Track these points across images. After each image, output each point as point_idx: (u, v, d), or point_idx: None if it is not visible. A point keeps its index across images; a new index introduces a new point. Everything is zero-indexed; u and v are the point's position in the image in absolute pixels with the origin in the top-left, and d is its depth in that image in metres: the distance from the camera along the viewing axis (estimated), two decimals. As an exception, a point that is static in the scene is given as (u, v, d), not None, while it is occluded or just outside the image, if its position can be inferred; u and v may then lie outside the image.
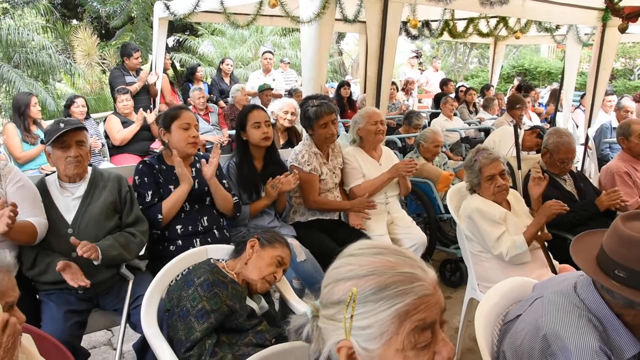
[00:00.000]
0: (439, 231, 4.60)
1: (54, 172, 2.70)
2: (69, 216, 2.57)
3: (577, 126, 7.87)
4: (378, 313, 0.99)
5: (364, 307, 1.00)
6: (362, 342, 1.01)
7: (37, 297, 2.56)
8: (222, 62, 8.43)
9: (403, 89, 10.18)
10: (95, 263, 2.45)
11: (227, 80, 8.22)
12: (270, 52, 8.98)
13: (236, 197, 3.09)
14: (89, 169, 2.71)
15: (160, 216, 2.81)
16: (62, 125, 2.57)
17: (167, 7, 5.20)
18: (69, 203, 2.60)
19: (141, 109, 5.91)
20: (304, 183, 3.46)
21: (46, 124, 4.98)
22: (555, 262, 2.96)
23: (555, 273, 2.87)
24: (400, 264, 1.04)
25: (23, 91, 7.55)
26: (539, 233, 2.95)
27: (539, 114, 9.13)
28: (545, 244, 2.96)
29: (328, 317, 1.06)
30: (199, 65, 8.66)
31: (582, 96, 8.12)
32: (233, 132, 3.99)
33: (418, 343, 0.99)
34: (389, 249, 1.09)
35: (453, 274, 4.28)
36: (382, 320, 0.99)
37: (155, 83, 6.83)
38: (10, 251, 2.43)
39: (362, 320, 1.00)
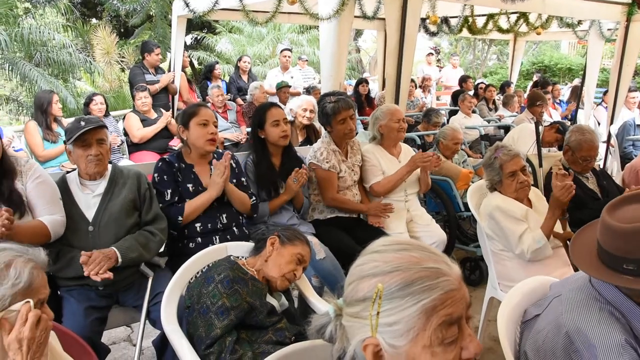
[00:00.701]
0: (459, 229, 4.56)
1: (74, 169, 2.72)
2: (90, 213, 2.58)
3: (599, 123, 7.75)
4: (405, 309, 0.98)
5: (390, 303, 0.99)
6: (388, 339, 0.99)
7: (58, 293, 2.58)
8: (240, 59, 8.44)
9: (421, 86, 10.12)
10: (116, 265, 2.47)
11: (245, 77, 8.24)
12: (288, 49, 8.98)
13: (254, 198, 3.09)
14: (109, 166, 2.73)
15: (180, 218, 2.82)
16: (82, 123, 2.58)
17: (187, 5, 5.21)
18: (89, 200, 2.61)
19: (163, 110, 5.95)
20: (323, 180, 3.45)
21: (67, 121, 5.03)
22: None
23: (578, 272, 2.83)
24: (425, 259, 1.02)
25: (44, 89, 7.63)
26: (562, 232, 2.91)
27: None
28: (568, 242, 2.91)
29: (353, 315, 1.05)
30: (217, 63, 8.69)
31: (605, 93, 7.99)
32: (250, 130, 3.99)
33: (445, 338, 0.98)
34: (413, 244, 1.07)
35: (472, 272, 4.24)
36: (409, 316, 0.98)
37: (173, 81, 6.86)
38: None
39: (388, 317, 0.99)
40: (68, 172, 2.75)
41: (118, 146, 5.58)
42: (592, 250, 1.60)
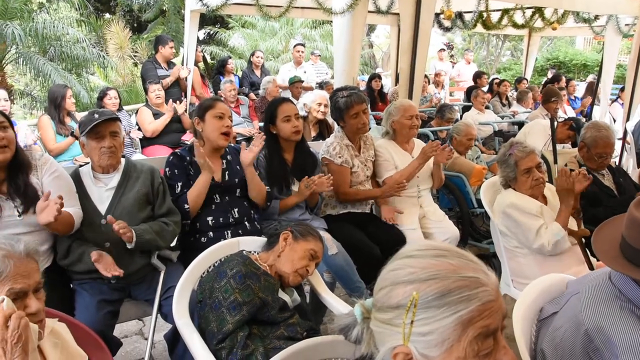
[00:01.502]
0: (471, 226, 4.52)
1: (87, 163, 2.72)
2: (103, 207, 2.59)
3: (615, 120, 7.65)
4: (440, 319, 0.95)
5: (426, 312, 0.95)
6: (421, 349, 0.96)
7: (71, 286, 2.59)
8: (253, 54, 8.44)
9: (434, 82, 10.06)
10: (129, 246, 2.48)
11: (257, 72, 8.23)
12: (301, 44, 8.97)
13: (268, 188, 3.09)
14: (122, 160, 2.73)
15: (187, 206, 2.82)
16: (96, 116, 2.58)
17: (200, -1, 5.21)
18: (102, 194, 2.62)
19: (171, 100, 5.96)
20: (335, 175, 3.43)
21: (80, 115, 5.05)
22: (593, 259, 2.88)
23: (593, 270, 2.79)
24: (463, 268, 0.99)
25: (58, 83, 7.67)
26: (577, 229, 2.88)
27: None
28: (583, 240, 2.87)
29: (384, 322, 1.02)
30: (230, 57, 8.69)
31: (621, 89, 7.88)
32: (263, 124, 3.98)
33: (481, 351, 0.95)
34: (451, 250, 1.04)
35: (485, 269, 4.20)
36: (444, 327, 0.94)
37: (186, 78, 6.87)
38: (45, 242, 2.48)
39: (422, 327, 0.96)
40: (81, 165, 2.75)
41: (131, 139, 5.59)
42: (615, 246, 1.57)
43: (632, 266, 1.48)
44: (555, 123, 5.35)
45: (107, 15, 16.71)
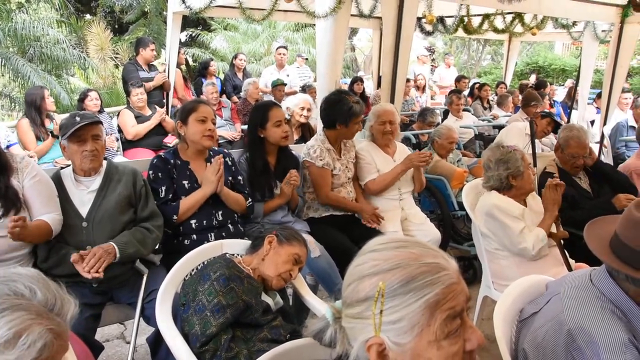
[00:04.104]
0: (453, 228, 4.57)
1: (68, 165, 2.70)
2: (84, 210, 2.57)
3: (592, 124, 7.78)
4: (408, 305, 0.98)
5: (393, 300, 0.99)
6: (393, 337, 0.99)
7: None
8: (236, 57, 8.43)
9: (414, 86, 10.12)
10: (113, 260, 2.45)
11: (240, 75, 8.22)
12: (284, 47, 8.98)
13: (250, 200, 3.08)
14: (104, 162, 2.71)
15: (175, 217, 2.81)
16: (77, 119, 2.56)
17: (183, 1, 5.18)
18: (83, 197, 2.60)
19: (157, 107, 5.93)
20: (316, 178, 3.45)
21: (60, 117, 5.00)
22: (571, 261, 2.93)
23: (571, 270, 2.84)
24: (424, 255, 1.03)
25: (35, 86, 7.57)
26: (555, 231, 2.93)
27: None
28: (562, 242, 2.92)
29: (354, 316, 1.05)
30: (212, 60, 8.67)
31: (598, 95, 8.02)
32: (246, 126, 3.96)
33: (450, 332, 0.99)
34: (410, 241, 1.08)
35: (466, 271, 4.25)
36: (413, 312, 0.98)
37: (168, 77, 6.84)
38: (25, 245, 2.46)
39: (392, 315, 0.99)
40: (62, 168, 2.73)
41: (112, 148, 5.55)
42: (606, 244, 1.61)
43: (622, 263, 1.52)
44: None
45: (88, 17, 16.54)
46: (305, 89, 7.72)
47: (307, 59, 9.75)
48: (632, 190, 3.60)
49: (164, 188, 2.86)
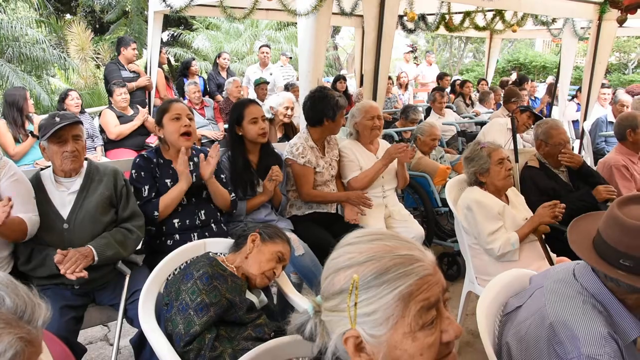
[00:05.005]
0: (436, 225, 4.60)
1: (49, 166, 2.67)
2: (65, 211, 2.54)
3: (574, 122, 7.88)
4: (382, 297, 0.99)
5: (367, 292, 1.00)
6: (368, 330, 1.00)
7: (33, 292, 2.53)
8: (219, 56, 8.38)
9: (398, 84, 10.15)
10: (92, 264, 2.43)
11: (224, 74, 8.18)
12: (267, 46, 8.96)
13: (233, 195, 3.07)
14: (85, 162, 2.68)
15: (156, 213, 2.79)
16: (57, 119, 2.53)
17: (164, 0, 5.15)
18: (64, 198, 2.57)
19: (139, 107, 5.89)
20: (298, 176, 3.45)
21: (39, 118, 4.94)
22: (552, 255, 2.96)
23: (553, 265, 2.87)
24: (398, 247, 1.04)
25: (15, 86, 7.48)
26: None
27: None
28: (543, 236, 2.96)
29: (331, 309, 1.05)
30: (194, 59, 8.61)
31: (578, 90, 8.12)
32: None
33: (425, 323, 0.99)
34: (385, 234, 1.08)
35: (450, 267, 4.28)
36: (386, 304, 0.98)
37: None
38: (5, 247, 2.43)
39: (366, 307, 0.99)
40: (42, 169, 2.69)
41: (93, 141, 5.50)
42: (588, 241, 1.62)
43: (603, 262, 1.54)
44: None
45: (68, 16, 16.39)
46: (289, 87, 7.70)
47: (291, 57, 9.72)
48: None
49: (147, 187, 2.84)
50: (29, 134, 4.94)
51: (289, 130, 5.10)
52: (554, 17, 7.23)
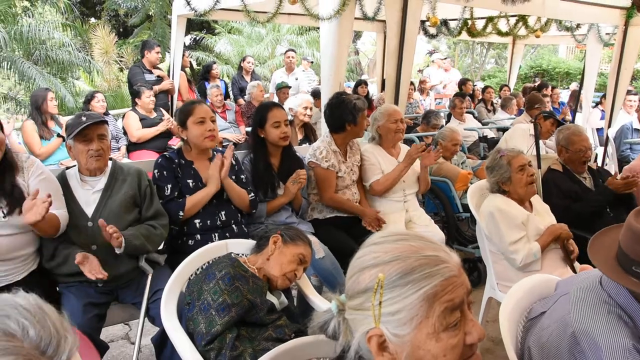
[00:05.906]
0: (457, 230, 4.56)
1: (74, 166, 2.72)
2: (89, 209, 2.58)
3: (598, 130, 7.77)
4: (407, 297, 0.99)
5: (392, 292, 1.00)
6: (392, 329, 1.00)
7: (57, 289, 2.58)
8: (244, 60, 8.43)
9: (419, 89, 10.11)
10: (118, 251, 2.46)
11: (247, 78, 8.22)
12: (292, 50, 8.97)
13: (252, 194, 3.09)
14: (109, 162, 2.73)
15: (181, 213, 2.82)
16: (84, 118, 2.57)
17: (188, 3, 5.20)
18: (89, 196, 2.61)
19: (163, 110, 5.96)
20: (321, 179, 3.46)
21: (64, 119, 5.04)
22: (575, 263, 2.93)
23: (575, 272, 2.84)
24: (424, 248, 1.04)
25: (40, 87, 7.62)
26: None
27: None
28: (565, 242, 2.92)
29: (355, 308, 1.06)
30: (215, 62, 8.68)
31: (602, 97, 8.02)
32: (250, 129, 3.97)
33: (449, 324, 0.99)
34: (410, 234, 1.09)
35: (471, 273, 4.24)
36: (411, 304, 0.98)
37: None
38: (30, 244, 2.47)
39: (391, 306, 1.00)
40: (67, 168, 2.74)
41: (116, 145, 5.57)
42: (612, 252, 1.59)
43: (625, 274, 1.51)
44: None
45: (93, 20, 16.64)
46: (316, 95, 7.68)
47: (312, 62, 9.74)
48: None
49: (169, 186, 2.87)
50: (55, 135, 5.03)
51: (309, 132, 5.14)
52: (578, 23, 7.14)
